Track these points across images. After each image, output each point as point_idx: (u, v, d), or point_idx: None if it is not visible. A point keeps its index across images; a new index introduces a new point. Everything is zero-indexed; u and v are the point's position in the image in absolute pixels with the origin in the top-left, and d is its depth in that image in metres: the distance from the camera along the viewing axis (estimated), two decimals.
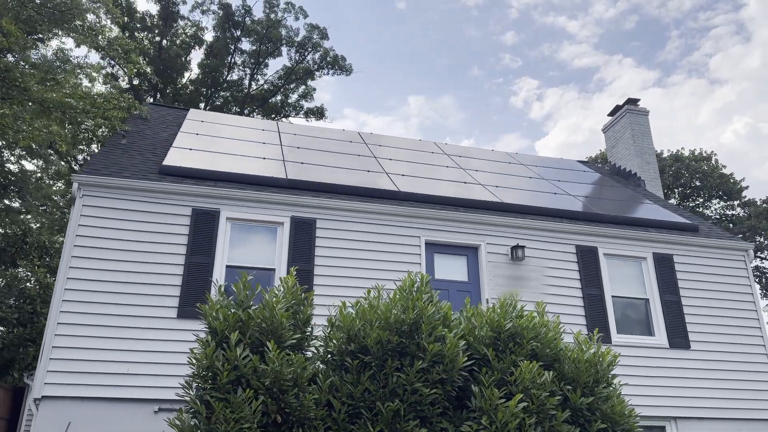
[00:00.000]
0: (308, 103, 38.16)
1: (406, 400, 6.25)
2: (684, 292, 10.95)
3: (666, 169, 40.79)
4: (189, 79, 36.04)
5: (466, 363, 6.57)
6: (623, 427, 6.77)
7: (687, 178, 40.66)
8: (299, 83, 37.88)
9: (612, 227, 11.09)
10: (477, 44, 59.07)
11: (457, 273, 10.22)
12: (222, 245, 9.13)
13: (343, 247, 9.71)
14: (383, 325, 6.58)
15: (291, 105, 38.12)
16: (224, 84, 36.66)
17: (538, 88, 61.41)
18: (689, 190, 42.13)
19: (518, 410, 6.15)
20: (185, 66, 34.97)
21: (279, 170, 10.43)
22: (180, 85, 35.69)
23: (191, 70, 35.78)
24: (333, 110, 61.91)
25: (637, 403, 9.75)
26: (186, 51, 34.61)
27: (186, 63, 34.71)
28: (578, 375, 6.75)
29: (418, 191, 10.76)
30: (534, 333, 6.95)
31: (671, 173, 40.32)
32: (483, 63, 60.39)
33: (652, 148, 15.41)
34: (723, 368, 10.57)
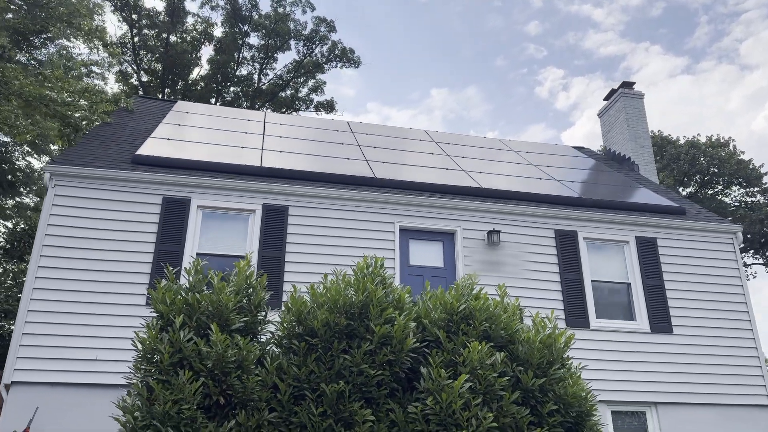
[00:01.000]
0: (318, 96, 38.21)
1: (352, 381, 6.24)
2: (668, 276, 10.74)
3: (681, 155, 40.06)
4: (199, 75, 36.31)
5: (415, 344, 6.53)
6: (578, 408, 6.67)
7: (703, 165, 39.90)
8: (308, 77, 37.94)
9: (593, 211, 10.91)
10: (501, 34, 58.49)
11: (433, 259, 10.16)
12: (192, 233, 9.20)
13: (316, 233, 9.71)
14: (332, 307, 6.58)
15: (301, 99, 38.21)
16: (234, 79, 36.88)
17: (564, 77, 60.58)
18: (707, 177, 41.35)
19: (464, 390, 6.11)
20: (195, 62, 35.24)
21: (254, 158, 10.46)
22: (190, 82, 36.00)
23: (201, 66, 36.05)
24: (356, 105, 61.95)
25: (616, 388, 9.67)
26: (196, 48, 34.87)
27: (196, 59, 34.98)
28: (531, 356, 6.67)
29: (395, 177, 10.71)
30: (487, 314, 6.88)
31: (687, 160, 39.60)
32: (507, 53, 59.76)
33: (647, 131, 15.11)
34: (707, 353, 10.35)
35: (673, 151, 40.21)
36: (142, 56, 32.64)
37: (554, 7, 55.17)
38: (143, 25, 31.46)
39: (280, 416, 6.00)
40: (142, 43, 32.05)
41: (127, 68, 32.07)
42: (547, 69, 60.38)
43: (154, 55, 32.47)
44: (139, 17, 31.23)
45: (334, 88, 57.45)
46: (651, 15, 54.95)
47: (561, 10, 55.21)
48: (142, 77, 32.64)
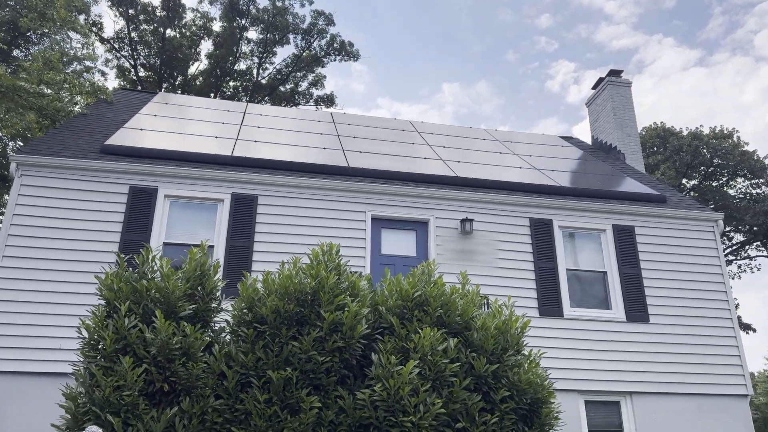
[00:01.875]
0: (318, 90, 38.10)
1: (300, 368, 6.18)
2: (645, 264, 10.59)
3: (684, 147, 39.69)
4: (198, 70, 36.30)
5: (366, 331, 6.47)
6: (533, 395, 6.58)
7: (706, 156, 39.50)
8: (307, 71, 37.84)
9: (569, 199, 10.78)
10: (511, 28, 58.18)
11: (405, 248, 10.07)
12: (159, 223, 9.16)
13: (286, 223, 9.64)
14: (282, 294, 6.52)
15: (301, 93, 38.13)
16: (233, 74, 36.85)
17: (575, 71, 60.07)
18: (711, 169, 40.97)
19: (413, 376, 6.05)
20: (194, 57, 35.23)
21: (227, 148, 10.40)
22: (189, 77, 36.00)
23: (200, 61, 36.03)
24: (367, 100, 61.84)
25: (590, 377, 9.56)
26: (195, 43, 34.84)
27: (195, 54, 34.96)
28: (485, 342, 6.59)
29: (369, 167, 10.62)
30: (443, 301, 6.81)
31: (689, 151, 39.22)
32: (518, 47, 59.46)
33: (634, 120, 14.92)
34: (685, 342, 10.20)
35: (676, 143, 39.82)
36: (139, 51, 32.66)
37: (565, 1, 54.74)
38: (140, 21, 31.47)
39: (226, 403, 5.96)
40: (139, 38, 32.07)
41: (124, 63, 32.11)
42: (559, 62, 59.92)
43: (151, 51, 32.48)
44: (136, 12, 31.23)
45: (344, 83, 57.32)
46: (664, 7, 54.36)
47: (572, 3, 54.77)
48: (140, 72, 32.68)
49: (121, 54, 32.00)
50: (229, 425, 5.93)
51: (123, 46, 32.10)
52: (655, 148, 41.86)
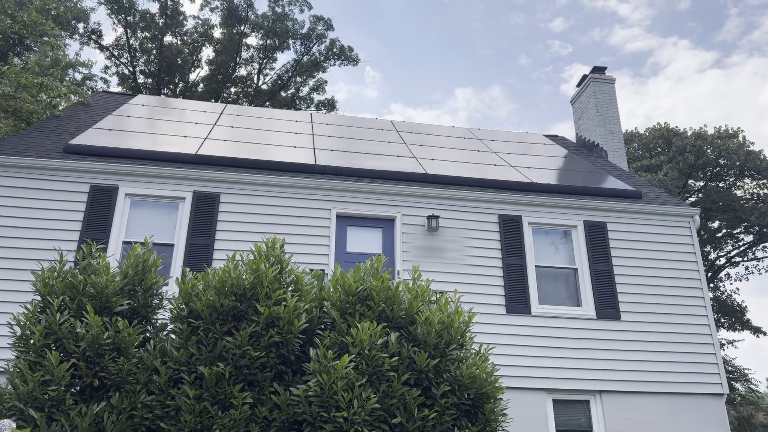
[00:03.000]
0: (319, 95, 38.16)
1: (234, 364, 6.09)
2: (618, 260, 10.39)
3: (687, 147, 39.26)
4: (199, 77, 36.50)
5: (304, 326, 6.37)
6: (477, 390, 6.44)
7: (710, 156, 39.06)
8: (307, 76, 37.93)
9: (540, 196, 10.61)
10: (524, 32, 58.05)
11: (372, 246, 9.95)
12: (119, 221, 9.13)
13: (248, 221, 9.57)
14: (219, 289, 6.45)
15: (302, 98, 38.22)
16: (234, 80, 37.01)
17: None
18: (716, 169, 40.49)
19: (348, 371, 5.93)
20: (195, 64, 35.44)
21: (192, 147, 10.37)
22: (190, 83, 36.21)
23: (201, 67, 36.23)
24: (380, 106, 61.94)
25: (559, 375, 9.38)
26: (197, 50, 35.05)
27: (196, 61, 35.18)
28: (428, 337, 6.45)
29: (336, 164, 10.53)
30: (386, 295, 6.69)
31: (693, 151, 38.79)
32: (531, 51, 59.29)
33: (617, 117, 14.72)
34: (658, 340, 9.98)
35: (679, 143, 39.40)
36: (138, 58, 32.90)
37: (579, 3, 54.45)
38: (139, 27, 31.71)
39: (157, 399, 5.87)
40: (138, 46, 32.31)
41: (123, 70, 32.36)
42: (573, 66, 59.53)
43: (150, 57, 32.71)
44: (135, 20, 31.48)
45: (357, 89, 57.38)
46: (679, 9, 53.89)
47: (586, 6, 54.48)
48: (140, 79, 32.90)
49: (120, 61, 32.26)
50: (159, 421, 5.83)
51: (122, 53, 32.37)
52: (659, 149, 41.44)
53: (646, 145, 42.51)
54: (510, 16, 56.01)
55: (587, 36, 56.93)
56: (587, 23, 56.57)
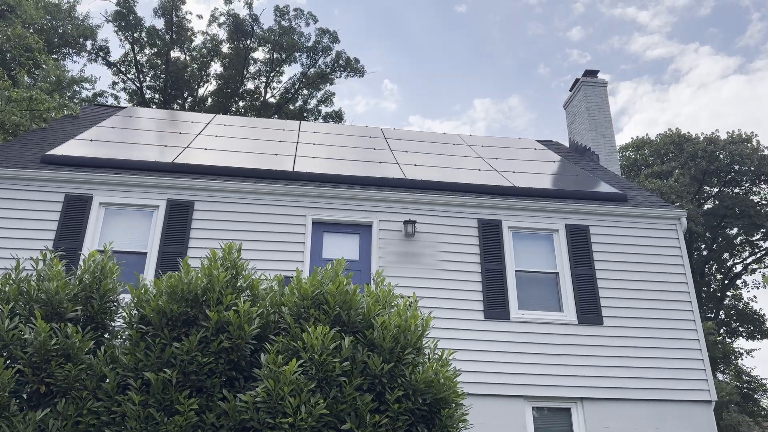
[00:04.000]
0: (327, 107, 38.35)
1: (182, 370, 6.02)
2: (600, 264, 10.17)
3: (699, 152, 38.70)
4: (207, 92, 36.90)
5: (256, 331, 6.29)
6: (433, 396, 6.28)
7: (723, 162, 38.43)
8: (312, 89, 38.18)
9: (521, 200, 10.45)
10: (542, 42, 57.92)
11: (348, 252, 9.86)
12: (93, 230, 9.15)
13: (223, 228, 9.55)
14: (171, 294, 6.40)
15: (309, 110, 38.44)
16: (242, 94, 37.34)
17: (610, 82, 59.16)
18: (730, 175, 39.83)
19: (296, 377, 5.83)
20: (205, 79, 35.86)
21: (169, 155, 10.40)
22: (198, 98, 36.58)
23: (210, 82, 36.64)
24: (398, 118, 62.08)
25: (538, 382, 9.17)
26: (205, 65, 35.47)
27: (205, 76, 35.60)
28: (383, 341, 6.33)
29: (314, 170, 10.49)
30: (343, 299, 6.58)
31: (705, 157, 38.21)
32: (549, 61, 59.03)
33: (609, 120, 14.52)
34: (642, 346, 9.72)
35: (691, 149, 38.84)
36: (145, 73, 33.34)
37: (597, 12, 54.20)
38: (145, 43, 32.17)
39: (104, 405, 5.82)
40: (145, 61, 32.75)
41: (131, 86, 32.81)
42: None
43: (157, 73, 33.13)
44: (141, 36, 31.94)
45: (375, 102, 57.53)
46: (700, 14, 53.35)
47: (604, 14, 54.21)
48: (146, 95, 33.32)
49: (128, 77, 32.72)
50: (105, 428, 5.77)
51: (129, 70, 32.84)
52: (670, 155, 40.89)
53: (657, 152, 41.98)
54: (528, 27, 55.90)
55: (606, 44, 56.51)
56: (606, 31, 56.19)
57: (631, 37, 55.56)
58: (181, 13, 32.48)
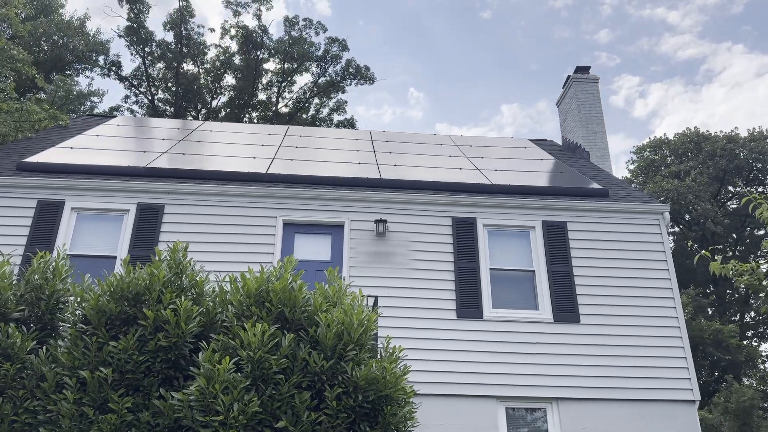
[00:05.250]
0: (339, 116, 38.49)
1: (119, 368, 6.02)
2: (579, 261, 9.92)
3: (717, 151, 37.85)
4: (220, 103, 37.33)
5: (195, 329, 6.26)
6: (375, 392, 6.15)
7: (743, 160, 37.49)
8: (323, 97, 38.38)
9: (497, 197, 10.26)
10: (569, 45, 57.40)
11: (320, 252, 9.80)
12: (64, 234, 9.25)
13: (193, 231, 9.56)
14: (112, 293, 6.41)
15: (322, 119, 38.65)
16: (255, 104, 37.69)
17: (640, 84, 58.37)
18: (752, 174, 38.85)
19: (230, 375, 5.77)
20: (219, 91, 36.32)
21: (143, 161, 10.48)
22: (210, 109, 37.02)
23: (223, 94, 37.08)
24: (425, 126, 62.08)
25: (512, 382, 8.96)
26: (219, 77, 35.93)
27: (220, 88, 36.06)
28: (325, 338, 6.23)
29: (287, 172, 10.46)
30: (286, 297, 6.51)
31: (724, 155, 37.33)
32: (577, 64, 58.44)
33: (601, 116, 14.24)
34: (622, 344, 9.43)
35: (709, 148, 37.97)
36: (157, 86, 33.86)
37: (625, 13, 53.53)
38: (156, 57, 32.70)
39: (42, 404, 5.84)
40: (156, 74, 33.27)
41: (143, 99, 33.36)
42: (622, 77, 58.28)
43: (168, 85, 33.63)
44: (152, 50, 32.47)
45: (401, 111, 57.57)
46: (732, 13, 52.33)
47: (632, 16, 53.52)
48: (159, 107, 33.83)
49: (140, 91, 33.28)
50: (41, 426, 5.79)
51: (141, 83, 33.40)
52: (690, 154, 40.04)
53: (675, 151, 41.13)
54: (554, 30, 55.37)
55: (635, 45, 55.61)
56: (634, 33, 55.32)
57: (661, 37, 54.63)
58: (190, 26, 32.96)
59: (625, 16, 53.69)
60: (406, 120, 55.98)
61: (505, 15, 55.38)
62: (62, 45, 28.56)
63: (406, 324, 9.24)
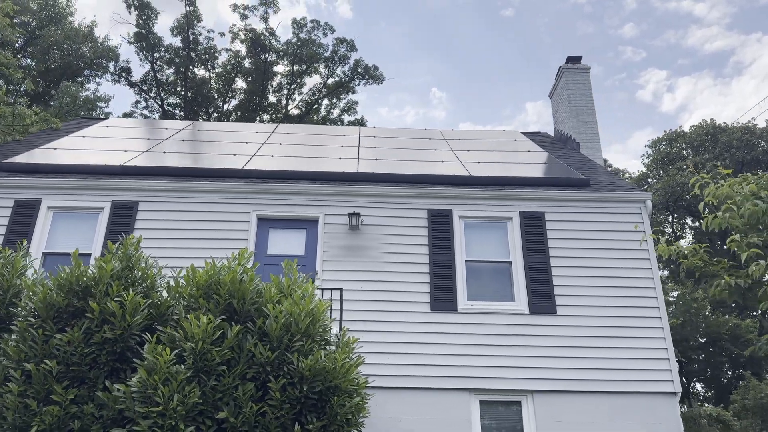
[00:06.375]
0: (349, 116, 38.54)
1: (65, 361, 6.06)
2: (556, 252, 9.73)
3: (734, 142, 37.10)
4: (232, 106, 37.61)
5: (141, 322, 6.27)
6: (323, 383, 6.10)
7: (760, 151, 36.62)
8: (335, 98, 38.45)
9: (474, 188, 10.12)
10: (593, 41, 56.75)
11: (294, 247, 9.77)
12: (40, 233, 9.36)
13: (166, 228, 9.61)
14: (59, 287, 6.46)
15: (332, 120, 38.74)
16: (266, 107, 37.89)
17: (668, 78, 57.40)
18: None
19: (175, 366, 5.78)
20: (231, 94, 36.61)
21: (121, 159, 10.56)
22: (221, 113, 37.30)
23: (234, 97, 37.37)
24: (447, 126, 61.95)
25: (486, 375, 8.84)
26: (230, 81, 36.22)
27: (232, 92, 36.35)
28: (272, 330, 6.20)
29: (263, 168, 10.46)
30: (234, 289, 6.49)
31: (740, 147, 36.55)
32: (602, 59, 57.70)
33: (592, 107, 13.98)
34: (600, 335, 9.22)
35: (725, 139, 37.20)
36: (168, 91, 34.24)
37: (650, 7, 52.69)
38: (164, 62, 33.06)
39: None
40: (166, 79, 33.64)
41: (153, 104, 33.77)
42: (648, 71, 57.40)
43: (177, 89, 33.98)
44: (161, 55, 32.84)
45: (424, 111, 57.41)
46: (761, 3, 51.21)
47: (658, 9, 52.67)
48: (168, 111, 34.20)
49: (150, 96, 33.69)
50: None
51: (151, 88, 33.81)
52: (708, 145, 39.27)
53: (691, 144, 40.37)
54: (578, 26, 54.71)
55: (661, 39, 54.66)
56: (660, 26, 54.38)
57: (687, 30, 53.58)
58: (198, 31, 33.27)
59: (650, 9, 52.77)
60: (428, 120, 55.75)
61: (527, 12, 54.88)
62: (71, 52, 29.03)
63: (379, 317, 9.16)
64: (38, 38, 27.66)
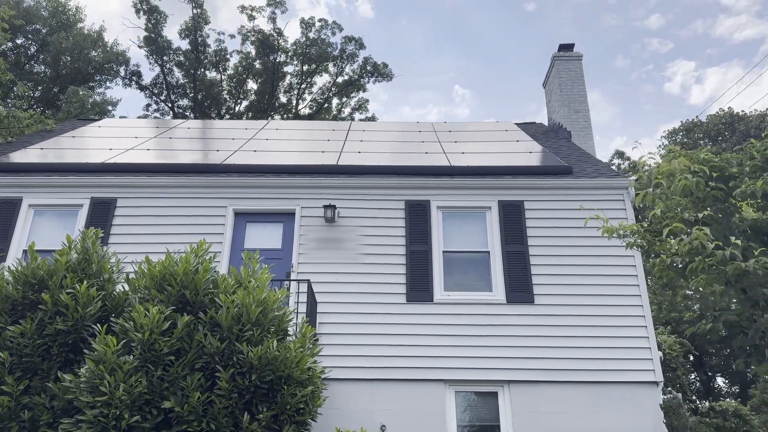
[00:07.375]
0: (360, 114, 38.53)
1: (18, 352, 6.14)
2: (535, 240, 9.57)
3: (752, 131, 36.26)
4: (243, 107, 37.85)
5: (93, 313, 6.32)
6: (273, 372, 6.09)
7: None
8: (342, 95, 38.47)
9: (453, 179, 10.01)
10: (619, 33, 55.76)
11: (271, 241, 9.77)
12: (21, 231, 9.50)
13: (144, 223, 9.68)
14: (17, 279, 6.54)
15: (343, 119, 38.76)
16: (277, 107, 38.06)
17: (696, 69, 56.23)
18: None
19: (123, 357, 5.82)
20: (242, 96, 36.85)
21: (103, 157, 10.67)
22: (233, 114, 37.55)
23: (245, 98, 37.60)
24: None
25: (461, 365, 8.75)
26: (241, 82, 36.46)
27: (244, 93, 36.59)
28: (223, 320, 6.20)
29: (242, 162, 10.48)
30: (188, 280, 6.50)
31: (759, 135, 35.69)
32: (628, 52, 56.69)
33: (584, 95, 13.74)
34: (579, 324, 9.05)
35: (743, 128, 36.36)
36: (178, 93, 34.58)
37: None
38: (174, 64, 33.39)
39: None
40: (175, 81, 33.99)
41: (163, 107, 34.14)
42: (676, 63, 56.30)
43: (187, 91, 34.30)
44: (170, 58, 33.17)
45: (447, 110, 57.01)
46: None
47: None
48: (179, 113, 34.56)
49: (160, 99, 34.07)
50: None
51: (162, 91, 34.19)
52: (726, 134, 38.47)
53: (708, 133, 39.56)
54: (602, 18, 53.78)
55: (688, 29, 53.49)
56: (687, 16, 53.17)
57: (716, 20, 52.37)
58: (206, 33, 33.55)
59: None
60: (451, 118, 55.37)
61: (550, 6, 54.15)
62: (81, 57, 29.48)
63: (353, 309, 9.12)
64: (49, 45, 28.15)
